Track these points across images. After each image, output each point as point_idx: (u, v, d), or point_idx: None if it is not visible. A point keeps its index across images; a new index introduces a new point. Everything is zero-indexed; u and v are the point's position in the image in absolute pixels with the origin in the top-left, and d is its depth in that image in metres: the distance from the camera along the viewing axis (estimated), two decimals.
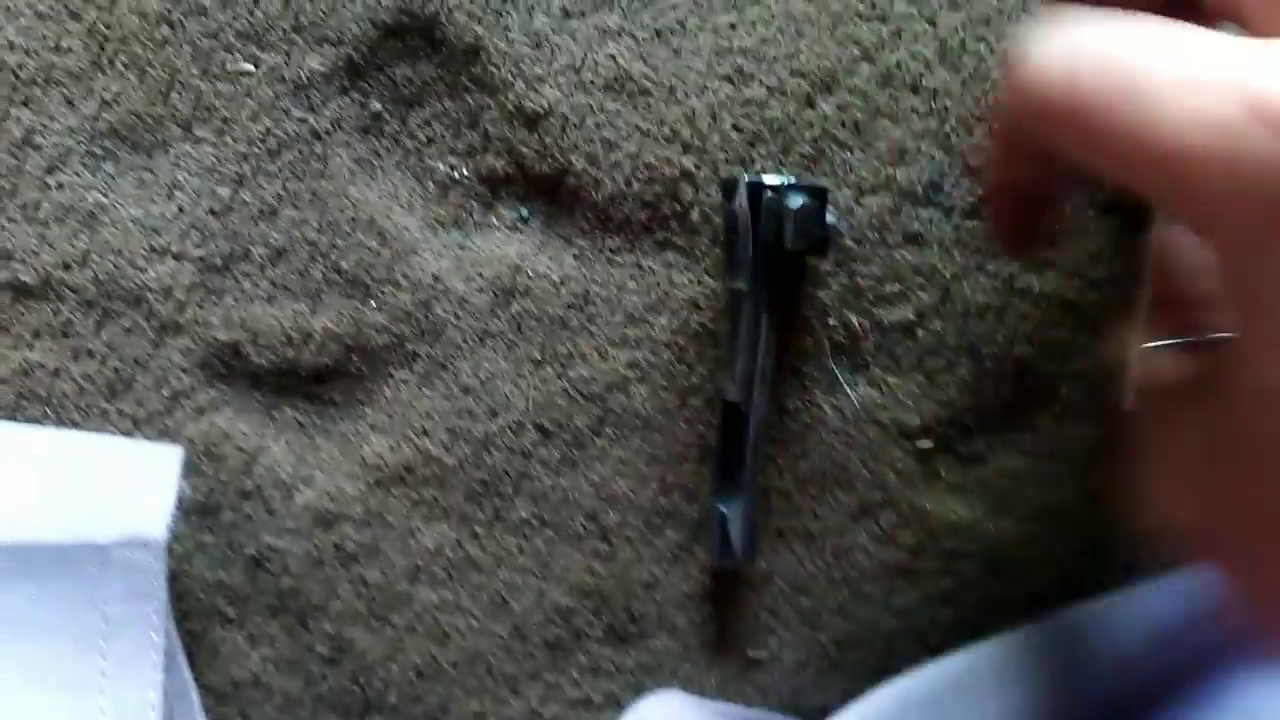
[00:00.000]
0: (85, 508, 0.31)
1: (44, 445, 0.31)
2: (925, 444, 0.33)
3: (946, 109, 0.33)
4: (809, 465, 0.33)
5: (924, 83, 0.33)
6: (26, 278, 0.32)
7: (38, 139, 0.32)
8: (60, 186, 0.32)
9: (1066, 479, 0.33)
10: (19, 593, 0.30)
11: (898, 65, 0.33)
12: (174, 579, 0.32)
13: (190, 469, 0.32)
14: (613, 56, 0.33)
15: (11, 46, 0.32)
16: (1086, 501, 0.33)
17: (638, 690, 0.33)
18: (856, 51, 0.33)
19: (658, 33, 0.33)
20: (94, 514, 0.30)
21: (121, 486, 0.31)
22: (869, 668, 0.34)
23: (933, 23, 0.33)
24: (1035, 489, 0.33)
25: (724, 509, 0.31)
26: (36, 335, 0.32)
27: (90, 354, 0.32)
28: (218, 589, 0.33)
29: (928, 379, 0.33)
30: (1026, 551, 0.34)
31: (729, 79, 0.32)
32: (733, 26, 0.33)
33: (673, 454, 0.33)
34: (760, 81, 0.32)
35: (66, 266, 0.32)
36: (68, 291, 0.32)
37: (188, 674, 0.32)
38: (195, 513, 0.32)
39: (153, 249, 0.32)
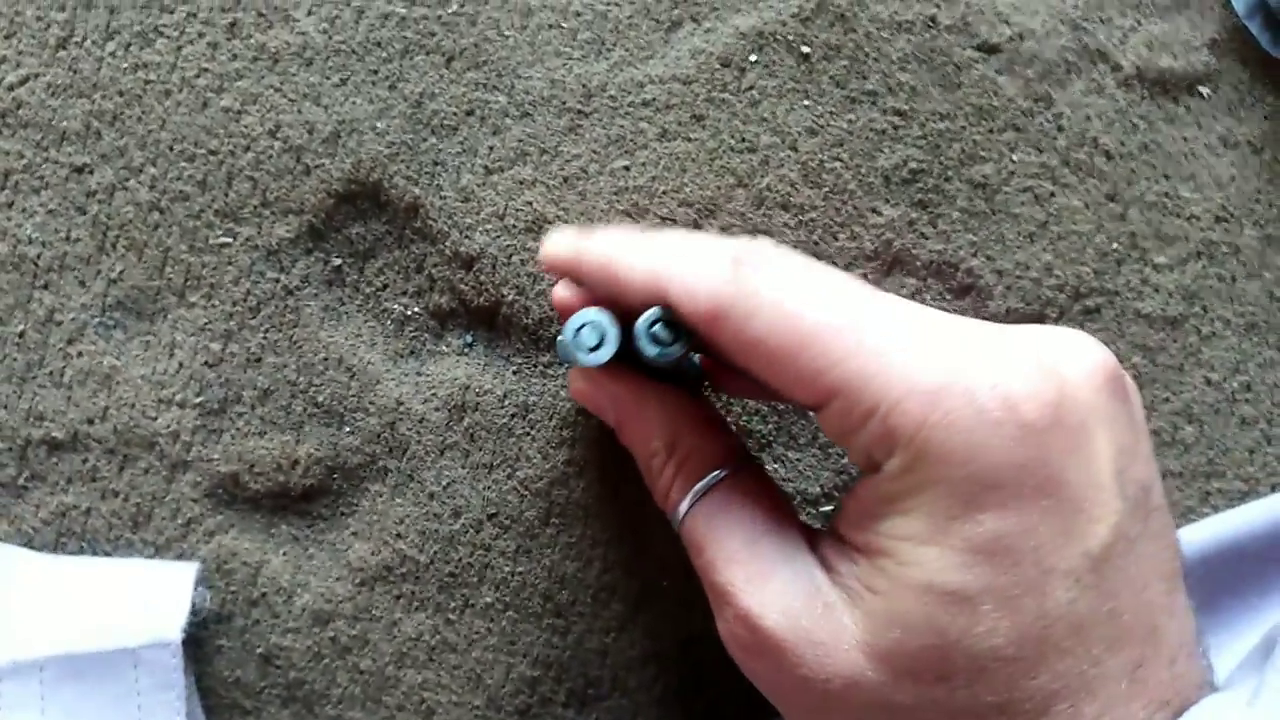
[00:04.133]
0: (119, 619, 0.35)
1: (84, 571, 0.37)
2: (828, 508, 0.38)
3: (813, 220, 0.37)
4: None
5: (792, 200, 0.37)
6: (58, 434, 0.37)
7: (58, 316, 0.38)
8: (80, 354, 0.37)
9: None
10: (73, 691, 0.35)
11: (768, 188, 0.37)
12: (198, 679, 0.37)
13: (205, 581, 0.37)
14: (530, 203, 0.38)
15: (30, 241, 0.37)
16: None
17: None
18: (732, 180, 0.37)
19: (565, 180, 0.38)
20: (125, 624, 0.35)
21: (146, 599, 0.36)
22: None
23: (794, 149, 0.37)
24: None
25: None
26: (70, 481, 0.38)
27: (115, 494, 0.38)
28: (235, 685, 0.38)
29: (822, 451, 0.38)
30: None
31: (628, 213, 0.37)
32: (627, 169, 0.38)
33: (612, 536, 0.38)
34: (654, 213, 0.37)
35: (90, 421, 0.37)
36: (93, 442, 0.38)
37: None
38: (213, 621, 0.38)
39: (160, 400, 0.38)
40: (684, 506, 0.30)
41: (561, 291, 0.32)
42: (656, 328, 0.29)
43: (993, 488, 0.24)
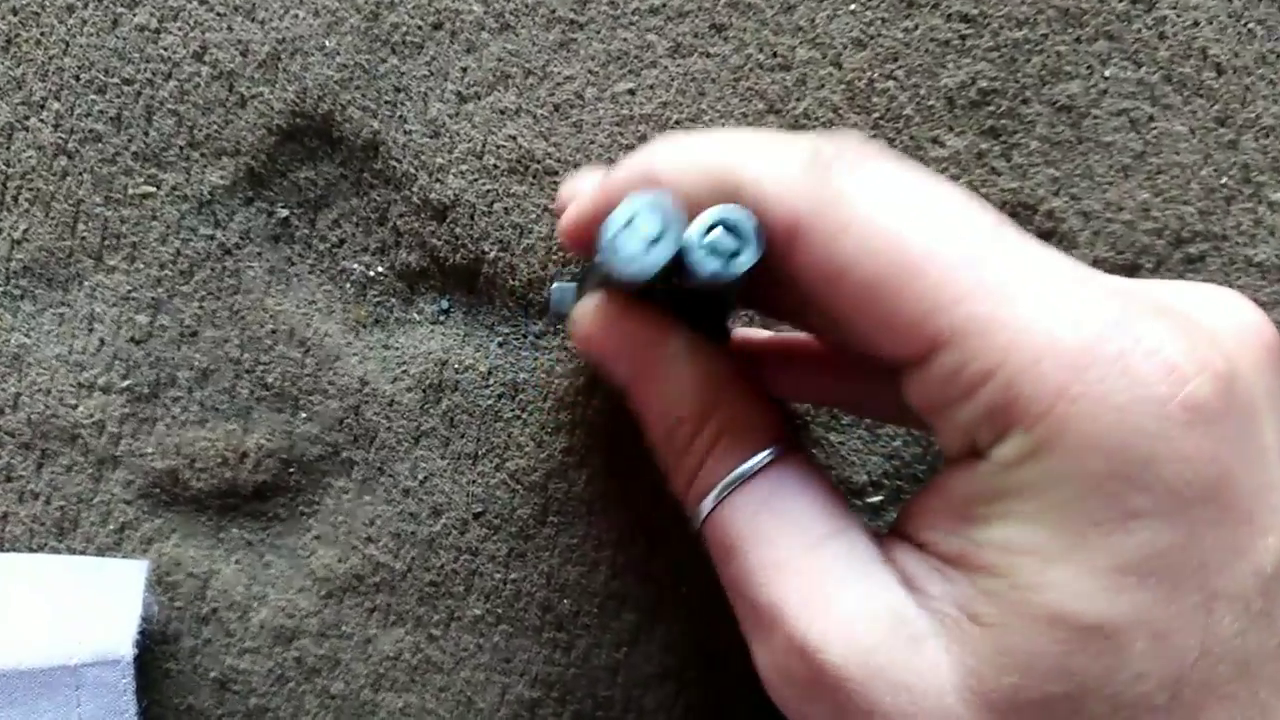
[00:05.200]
0: (57, 630, 0.31)
1: (11, 570, 0.32)
2: (875, 498, 0.32)
3: None
4: None
5: (835, 128, 0.31)
6: None
7: None
8: None
9: None
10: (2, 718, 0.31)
11: (806, 114, 0.31)
12: (145, 708, 0.32)
13: (153, 584, 0.32)
14: (513, 137, 0.32)
15: None
16: None
17: None
18: (761, 105, 0.31)
19: (556, 108, 0.32)
20: (65, 636, 0.31)
21: (89, 606, 0.31)
22: None
23: (837, 65, 0.31)
24: None
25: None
26: None
27: (35, 495, 0.32)
28: (188, 714, 0.33)
29: (869, 433, 0.32)
30: None
31: (633, 148, 0.31)
32: (631, 93, 0.31)
33: (620, 536, 0.33)
34: None
35: (0, 411, 0.32)
36: (4, 436, 0.32)
37: None
38: (157, 641, 0.33)
39: (80, 385, 0.32)
40: (713, 496, 0.24)
41: (579, 210, 0.26)
42: (717, 234, 0.22)
43: (1148, 487, 0.19)
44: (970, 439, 0.21)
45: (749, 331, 0.31)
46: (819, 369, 0.29)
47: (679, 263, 0.22)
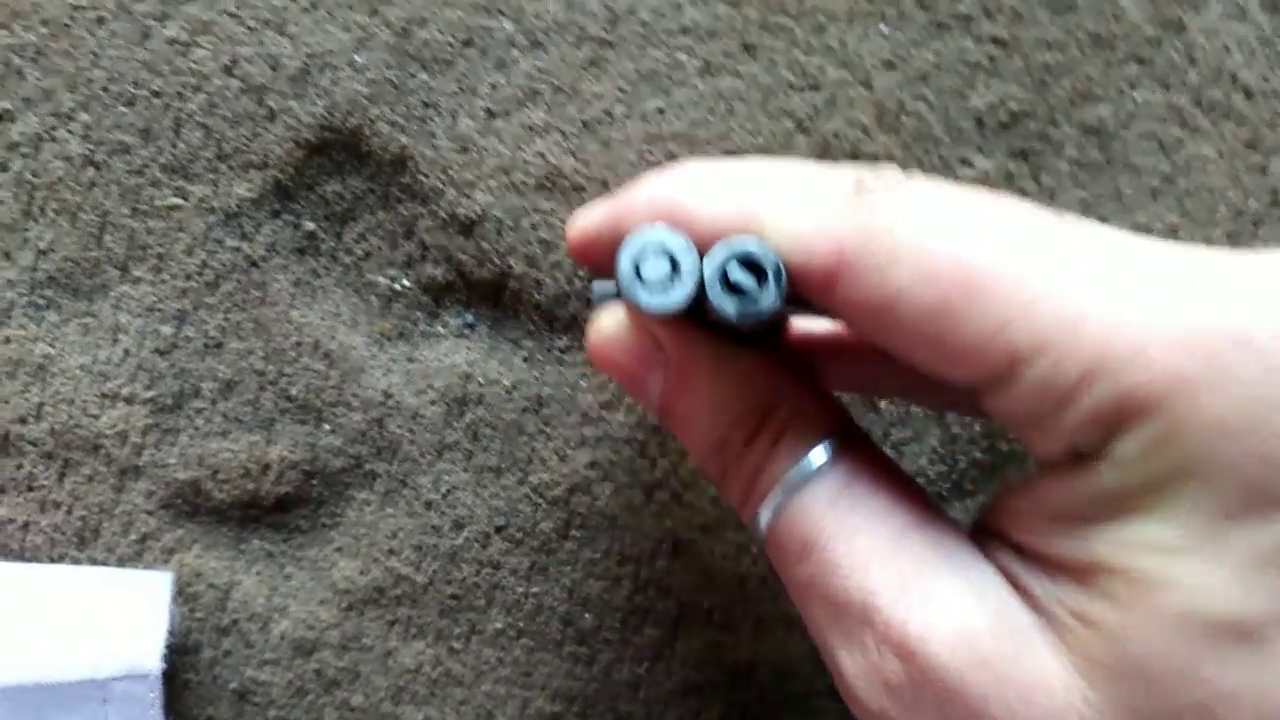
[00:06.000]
0: (83, 643, 0.31)
1: (34, 581, 0.32)
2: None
3: None
4: None
5: (864, 149, 0.31)
6: None
7: None
8: (7, 341, 0.32)
9: None
10: None
11: (834, 134, 0.31)
12: (165, 717, 0.32)
13: (177, 596, 0.32)
14: (542, 154, 0.32)
15: None
16: None
17: None
18: (790, 124, 0.31)
19: (585, 125, 0.32)
20: (92, 649, 0.31)
21: (115, 618, 0.31)
22: None
23: (868, 86, 0.31)
24: None
25: None
26: (2, 491, 0.32)
27: (56, 505, 0.32)
28: None
29: (895, 450, 0.32)
30: None
31: (662, 166, 0.31)
32: (661, 111, 0.31)
33: (643, 551, 0.32)
34: None
35: (23, 420, 0.32)
36: (27, 445, 0.32)
37: None
38: (177, 652, 0.32)
39: (104, 395, 0.32)
40: (779, 494, 0.22)
41: (586, 219, 0.25)
42: (734, 269, 0.21)
43: None
44: (1072, 444, 0.19)
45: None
46: (873, 358, 0.27)
47: (704, 297, 0.22)
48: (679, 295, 0.21)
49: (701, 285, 0.21)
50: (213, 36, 0.32)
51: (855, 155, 0.31)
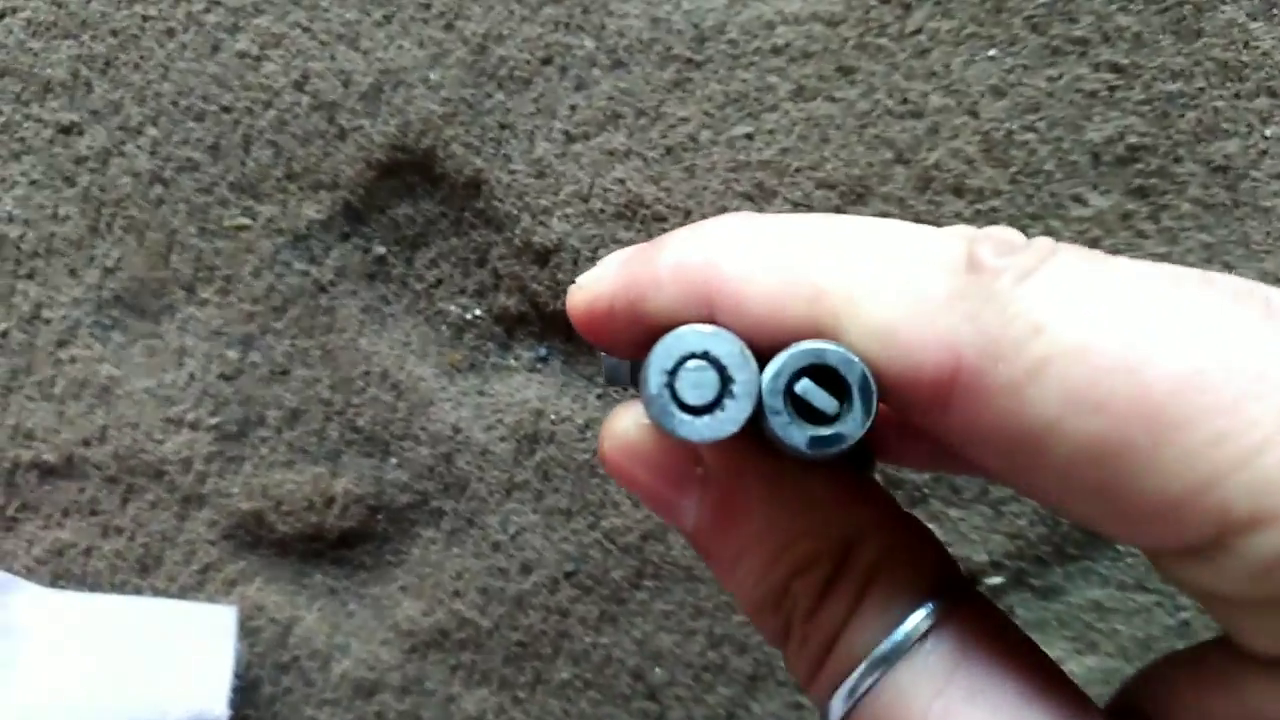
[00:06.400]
0: (150, 681, 0.31)
1: (99, 611, 0.31)
2: (996, 580, 0.30)
3: (995, 210, 0.29)
4: None
5: (968, 183, 0.29)
6: (50, 456, 0.32)
7: (45, 312, 0.31)
8: (73, 360, 0.31)
9: (1158, 609, 0.30)
10: None
11: (937, 166, 0.29)
12: None
13: (242, 630, 0.32)
14: (622, 180, 0.30)
15: (10, 219, 0.31)
16: (1183, 634, 0.30)
17: None
18: (889, 154, 0.29)
19: (668, 150, 0.30)
20: (159, 688, 0.31)
21: (181, 654, 0.31)
22: None
23: (974, 114, 0.29)
24: (1123, 621, 0.30)
25: None
26: (66, 514, 0.32)
27: (119, 531, 0.32)
28: None
29: (993, 509, 0.30)
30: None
31: (748, 196, 0.30)
32: (749, 137, 0.30)
33: (718, 605, 0.31)
34: (784, 196, 0.30)
35: (86, 443, 0.32)
36: (91, 468, 0.32)
37: None
38: (236, 689, 0.32)
39: (168, 420, 0.31)
40: (864, 675, 0.17)
41: (595, 287, 0.18)
42: (804, 386, 0.16)
43: None
44: None
45: None
46: None
47: (758, 418, 0.16)
48: (728, 424, 0.16)
49: (759, 404, 0.16)
50: (284, 50, 0.31)
51: (959, 190, 0.29)
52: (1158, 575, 0.16)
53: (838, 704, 0.17)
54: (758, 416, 0.16)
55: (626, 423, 0.19)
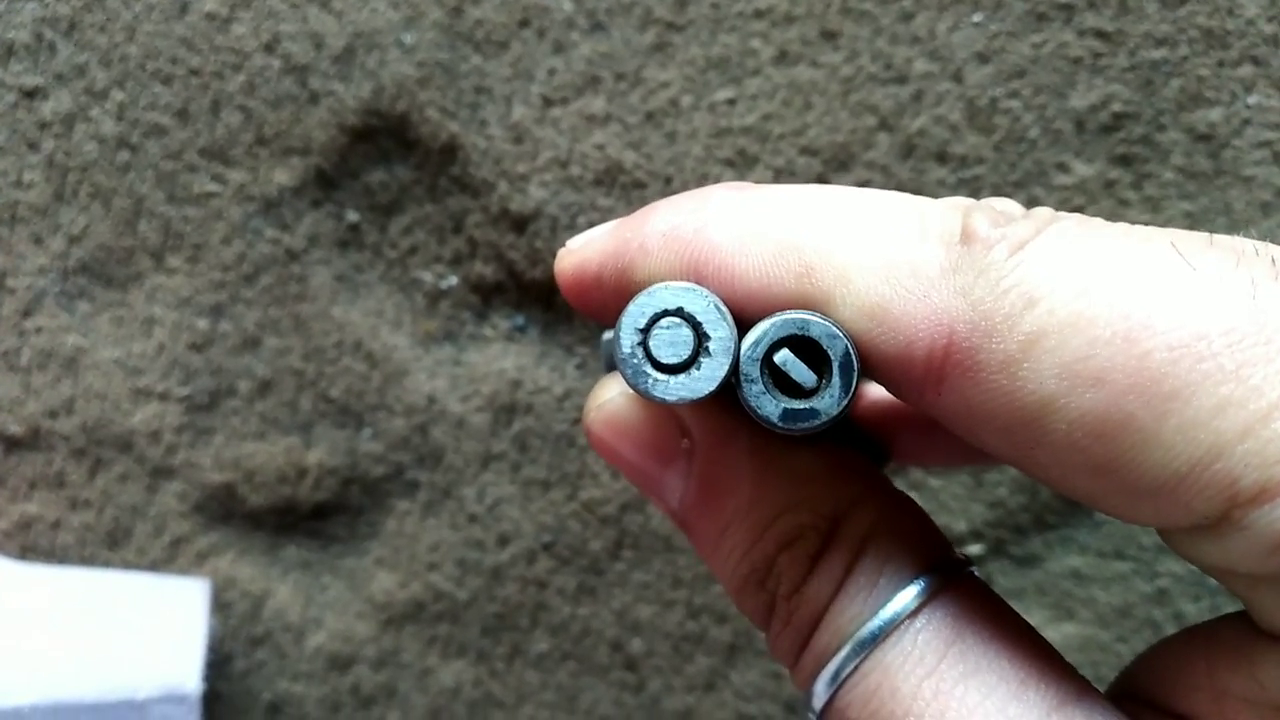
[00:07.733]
0: (121, 657, 0.30)
1: (73, 586, 0.31)
2: (975, 549, 0.30)
3: (979, 178, 0.29)
4: None
5: (952, 149, 0.29)
6: (16, 428, 0.31)
7: (9, 281, 0.31)
8: (38, 330, 0.31)
9: (1136, 576, 0.30)
10: None
11: (920, 132, 0.29)
12: None
13: (215, 603, 0.31)
14: (601, 146, 0.30)
15: None
16: (1160, 601, 0.30)
17: None
18: (873, 121, 0.29)
19: (649, 116, 0.30)
20: (128, 663, 0.30)
21: (153, 629, 0.30)
22: None
23: (958, 80, 0.29)
24: (1101, 589, 0.30)
25: None
26: (33, 487, 0.31)
27: (87, 503, 0.31)
28: None
29: (973, 478, 0.30)
30: (1093, 659, 0.31)
31: (730, 162, 0.29)
32: (731, 103, 0.29)
33: (697, 575, 0.31)
34: (765, 163, 0.29)
35: (53, 415, 0.31)
36: (58, 440, 0.31)
37: None
38: (208, 663, 0.31)
39: (137, 391, 0.31)
40: (850, 653, 0.16)
41: (583, 253, 0.18)
42: (784, 357, 0.15)
43: None
44: None
45: None
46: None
47: (733, 387, 0.16)
48: (704, 382, 0.15)
49: (736, 369, 0.15)
50: (253, 12, 0.30)
51: (942, 157, 0.29)
52: (1174, 553, 0.15)
53: (821, 686, 0.16)
54: (735, 386, 0.16)
55: (611, 394, 0.19)
